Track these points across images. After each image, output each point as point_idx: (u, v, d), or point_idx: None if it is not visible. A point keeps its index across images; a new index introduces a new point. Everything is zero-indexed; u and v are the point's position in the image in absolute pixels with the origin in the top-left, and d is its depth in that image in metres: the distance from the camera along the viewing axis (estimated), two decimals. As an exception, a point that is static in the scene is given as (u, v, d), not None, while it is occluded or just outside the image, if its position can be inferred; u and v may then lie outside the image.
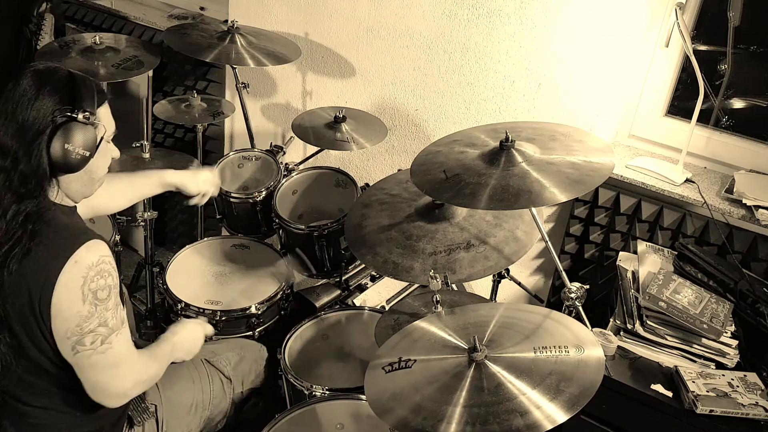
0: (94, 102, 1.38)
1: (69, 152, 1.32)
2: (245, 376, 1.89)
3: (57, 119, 1.31)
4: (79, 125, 1.34)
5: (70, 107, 1.33)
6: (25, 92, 1.30)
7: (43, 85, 1.32)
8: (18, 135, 1.29)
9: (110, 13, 3.28)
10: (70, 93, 1.34)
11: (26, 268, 1.29)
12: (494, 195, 1.58)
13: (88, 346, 1.35)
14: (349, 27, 2.61)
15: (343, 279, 2.32)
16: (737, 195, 2.03)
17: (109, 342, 1.37)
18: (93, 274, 1.32)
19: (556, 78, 2.26)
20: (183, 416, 1.72)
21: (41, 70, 1.34)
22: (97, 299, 1.33)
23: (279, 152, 2.56)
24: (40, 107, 1.30)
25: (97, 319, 1.34)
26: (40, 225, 1.31)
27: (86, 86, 1.37)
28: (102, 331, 1.35)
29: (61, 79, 1.35)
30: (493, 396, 1.24)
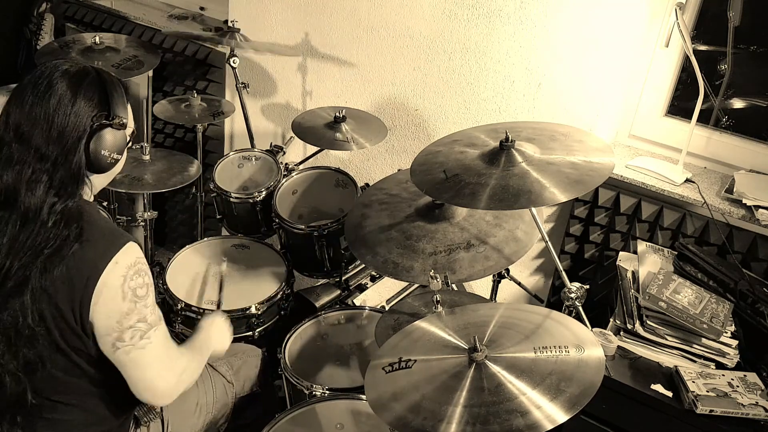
0: (126, 105, 1.44)
1: (105, 156, 1.40)
2: (246, 380, 1.89)
3: (94, 125, 1.37)
4: (114, 130, 1.40)
5: (106, 113, 1.39)
6: (62, 96, 1.34)
7: (78, 89, 1.36)
8: (58, 140, 1.34)
9: (110, 13, 3.28)
10: (104, 97, 1.40)
11: (69, 268, 1.32)
12: (494, 195, 1.58)
13: (128, 341, 1.38)
14: (349, 27, 2.61)
15: (343, 279, 2.32)
16: (737, 195, 2.03)
17: (147, 337, 1.40)
18: (132, 273, 1.37)
19: (556, 78, 2.26)
20: (188, 417, 1.73)
21: (74, 73, 1.38)
22: (136, 296, 1.37)
23: (279, 152, 2.56)
24: (78, 112, 1.35)
25: (136, 316, 1.38)
26: (82, 225, 1.35)
27: (117, 88, 1.43)
28: (141, 327, 1.39)
29: (93, 82, 1.39)
30: (493, 396, 1.24)
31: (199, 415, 1.76)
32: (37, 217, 1.32)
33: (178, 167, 2.50)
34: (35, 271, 1.31)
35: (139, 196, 2.61)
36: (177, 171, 2.48)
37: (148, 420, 1.64)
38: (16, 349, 1.34)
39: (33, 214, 1.32)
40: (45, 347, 1.36)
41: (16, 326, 1.32)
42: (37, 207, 1.32)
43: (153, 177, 2.40)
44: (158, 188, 2.40)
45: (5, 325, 1.32)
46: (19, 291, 1.31)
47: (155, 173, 2.43)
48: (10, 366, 1.35)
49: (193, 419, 1.74)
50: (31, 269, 1.30)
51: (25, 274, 1.31)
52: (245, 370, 1.90)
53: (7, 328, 1.32)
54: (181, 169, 2.49)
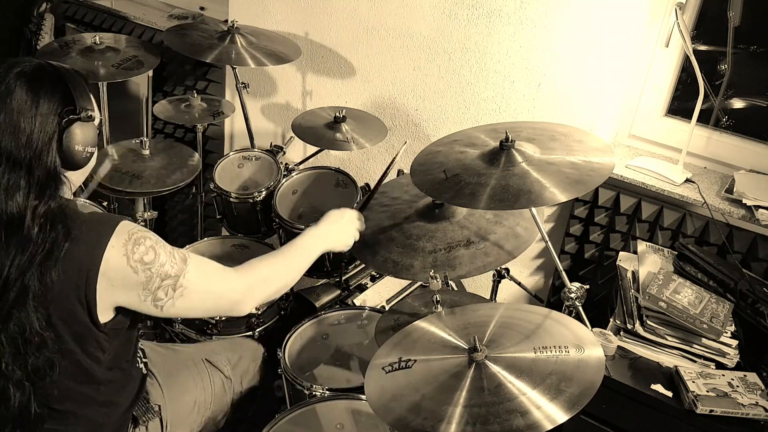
0: (89, 94, 1.40)
1: (79, 152, 1.36)
2: (244, 375, 1.89)
3: (62, 122, 1.33)
4: (84, 124, 1.36)
5: (71, 107, 1.35)
6: (23, 98, 1.30)
7: (39, 89, 1.32)
8: (27, 144, 1.30)
9: (110, 13, 3.28)
10: (67, 92, 1.35)
11: (66, 266, 1.31)
12: (494, 195, 1.58)
13: (165, 298, 1.38)
14: (349, 27, 2.61)
15: (343, 279, 2.32)
16: (737, 195, 2.03)
17: (180, 285, 1.39)
18: (131, 247, 1.34)
19: (556, 78, 2.26)
20: (186, 416, 1.73)
21: (30, 73, 1.33)
22: (146, 264, 1.36)
23: (279, 152, 2.56)
24: (43, 113, 1.31)
25: (157, 278, 1.37)
26: (67, 223, 1.33)
27: (77, 80, 1.39)
28: (168, 283, 1.38)
29: (52, 79, 1.35)
30: (493, 396, 1.24)
31: (197, 413, 1.75)
32: (21, 224, 1.28)
33: (177, 161, 2.49)
34: (33, 279, 1.28)
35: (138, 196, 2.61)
36: (177, 167, 2.47)
37: (147, 419, 1.64)
38: (24, 357, 1.32)
39: (17, 222, 1.28)
40: (54, 352, 1.34)
41: (23, 335, 1.30)
42: (20, 213, 1.28)
43: (153, 175, 2.40)
44: (158, 187, 2.40)
45: (12, 335, 1.30)
46: (21, 301, 1.29)
47: (155, 170, 2.42)
48: (15, 376, 1.32)
49: (191, 417, 1.74)
50: (28, 277, 1.28)
51: (24, 283, 1.28)
52: (243, 365, 1.90)
53: (15, 338, 1.30)
54: (181, 165, 2.48)
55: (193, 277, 1.42)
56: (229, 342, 1.99)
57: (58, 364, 1.36)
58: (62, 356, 1.36)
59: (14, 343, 1.31)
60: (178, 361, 1.79)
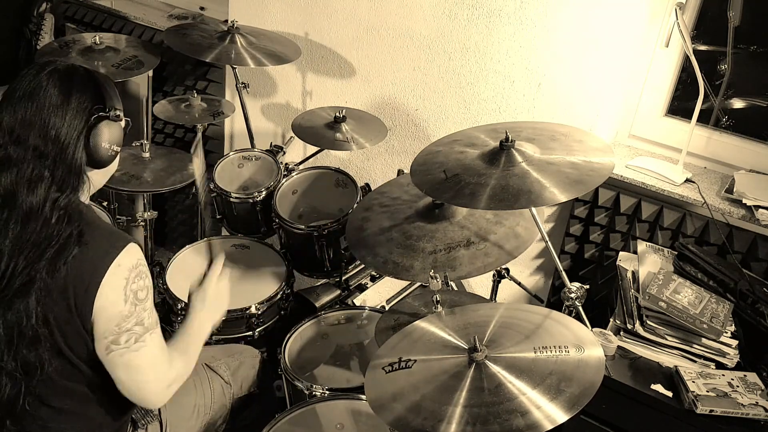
0: (118, 97, 1.43)
1: (105, 149, 1.39)
2: (244, 381, 1.89)
3: (91, 119, 1.36)
4: (111, 123, 1.39)
5: (101, 106, 1.38)
6: (54, 96, 1.33)
7: (70, 87, 1.35)
8: (55, 139, 1.33)
9: (110, 13, 3.28)
10: (97, 91, 1.39)
11: (72, 270, 1.32)
12: (494, 195, 1.58)
13: (123, 344, 1.38)
14: (349, 27, 2.61)
15: (343, 279, 2.32)
16: (737, 195, 2.03)
17: (143, 340, 1.39)
18: (134, 276, 1.36)
19: (556, 78, 2.26)
20: (185, 419, 1.73)
21: (63, 72, 1.37)
22: (137, 299, 1.37)
23: (279, 152, 2.56)
24: (73, 110, 1.34)
25: (135, 319, 1.37)
26: (82, 226, 1.34)
27: (108, 81, 1.43)
28: (138, 330, 1.38)
29: (84, 78, 1.39)
30: (493, 396, 1.24)
31: (197, 416, 1.75)
32: (39, 214, 1.31)
33: (177, 165, 2.50)
34: (40, 271, 1.30)
35: (139, 195, 2.61)
36: (176, 169, 2.48)
37: (146, 422, 1.64)
38: (16, 349, 1.33)
39: (36, 212, 1.31)
40: (46, 350, 1.35)
41: (19, 327, 1.31)
42: (39, 204, 1.31)
43: (152, 175, 2.40)
44: (157, 187, 2.40)
45: (9, 325, 1.31)
46: (24, 291, 1.30)
47: (154, 171, 2.43)
48: (8, 366, 1.33)
49: (191, 421, 1.74)
50: (36, 269, 1.30)
51: (30, 273, 1.30)
52: (243, 370, 1.90)
53: (11, 328, 1.31)
54: (181, 168, 2.49)
55: (156, 339, 1.43)
56: (229, 348, 1.99)
57: (48, 364, 1.36)
58: (54, 356, 1.37)
59: (9, 334, 1.32)
60: None
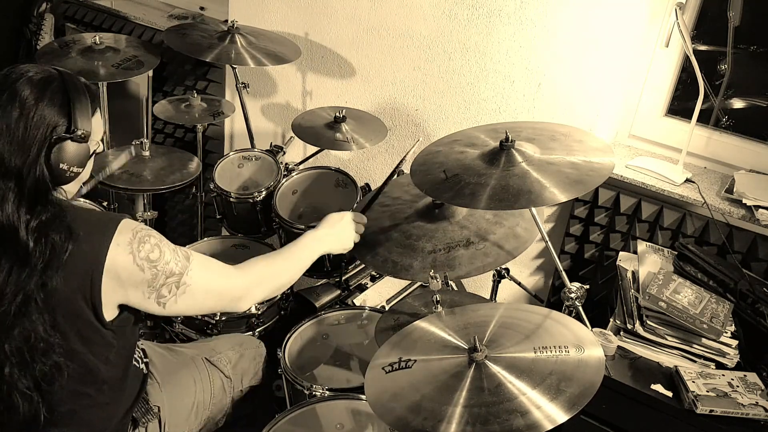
0: (89, 114, 1.37)
1: (63, 170, 1.34)
2: (244, 374, 1.89)
3: (53, 137, 1.31)
4: (74, 144, 1.34)
5: (66, 124, 1.32)
6: (23, 106, 1.29)
7: (41, 97, 1.30)
8: (19, 152, 1.28)
9: (110, 13, 3.28)
10: (66, 107, 1.33)
11: (70, 267, 1.31)
12: (494, 195, 1.58)
13: (168, 295, 1.40)
14: (349, 27, 2.61)
15: (343, 279, 2.32)
16: (737, 195, 2.03)
17: (183, 283, 1.41)
18: (136, 246, 1.36)
19: (556, 78, 2.26)
20: (185, 416, 1.73)
21: (37, 81, 1.32)
22: (151, 262, 1.37)
23: (279, 152, 2.55)
24: (39, 123, 1.29)
25: (162, 275, 1.38)
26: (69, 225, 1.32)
27: (81, 97, 1.36)
28: (172, 280, 1.40)
29: (57, 90, 1.33)
30: (493, 396, 1.24)
31: (196, 413, 1.75)
32: (15, 236, 1.27)
33: (177, 164, 2.50)
34: (35, 288, 1.28)
35: (138, 195, 2.61)
36: (176, 168, 2.47)
37: (146, 421, 1.63)
38: (31, 366, 1.31)
39: (9, 233, 1.27)
40: (61, 355, 1.34)
41: (28, 343, 1.29)
42: (12, 225, 1.27)
43: (152, 174, 2.40)
44: (157, 185, 2.40)
45: (17, 343, 1.29)
46: (23, 311, 1.28)
47: (154, 170, 2.42)
48: (20, 385, 1.31)
49: (190, 418, 1.74)
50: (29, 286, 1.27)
51: (25, 293, 1.27)
52: (244, 363, 1.89)
53: (20, 347, 1.30)
54: (181, 167, 2.49)
55: (196, 274, 1.43)
56: (231, 339, 1.97)
57: (66, 367, 1.35)
58: (70, 358, 1.36)
59: (20, 353, 1.30)
60: (178, 362, 1.79)
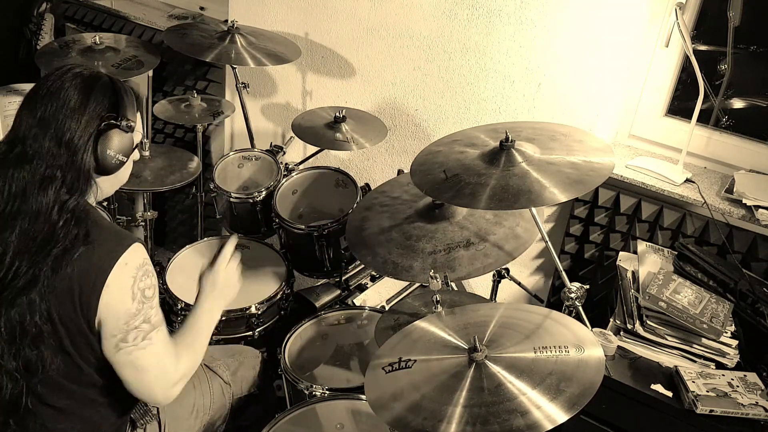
0: (135, 110, 1.47)
1: (110, 157, 1.41)
2: (243, 381, 1.89)
3: (102, 125, 1.39)
4: (121, 132, 1.42)
5: (114, 114, 1.41)
6: (75, 98, 1.37)
7: (91, 91, 1.39)
8: (68, 142, 1.36)
9: (110, 13, 3.28)
10: (114, 100, 1.42)
11: (77, 268, 1.33)
12: (494, 195, 1.58)
13: (131, 342, 1.40)
14: (349, 27, 2.61)
15: (343, 279, 2.32)
16: (737, 195, 2.03)
17: (149, 338, 1.41)
18: (141, 274, 1.38)
19: (556, 78, 2.26)
20: (184, 420, 1.73)
21: (86, 75, 1.41)
22: (144, 297, 1.39)
23: (279, 152, 2.56)
24: (90, 114, 1.38)
25: (142, 316, 1.39)
26: (88, 227, 1.36)
27: (128, 93, 1.46)
28: (145, 328, 1.40)
29: (105, 85, 1.42)
30: (493, 396, 1.24)
31: (195, 417, 1.75)
32: (48, 215, 1.33)
33: (177, 164, 2.50)
34: (45, 270, 1.31)
35: (139, 195, 2.61)
36: (177, 168, 2.48)
37: (145, 423, 1.64)
38: (18, 348, 1.33)
39: (44, 213, 1.33)
40: (49, 348, 1.36)
41: (22, 324, 1.32)
42: (48, 205, 1.33)
43: (152, 174, 2.40)
44: (156, 186, 2.40)
45: (12, 322, 1.32)
46: (27, 288, 1.31)
47: (154, 170, 2.42)
48: (9, 366, 1.34)
49: (189, 421, 1.74)
50: (40, 268, 1.31)
51: (35, 273, 1.31)
52: (243, 371, 1.89)
53: (13, 326, 1.32)
54: (181, 167, 2.49)
55: (162, 336, 1.45)
56: (229, 348, 1.99)
57: (50, 363, 1.37)
58: (56, 355, 1.37)
59: (11, 332, 1.33)
60: None
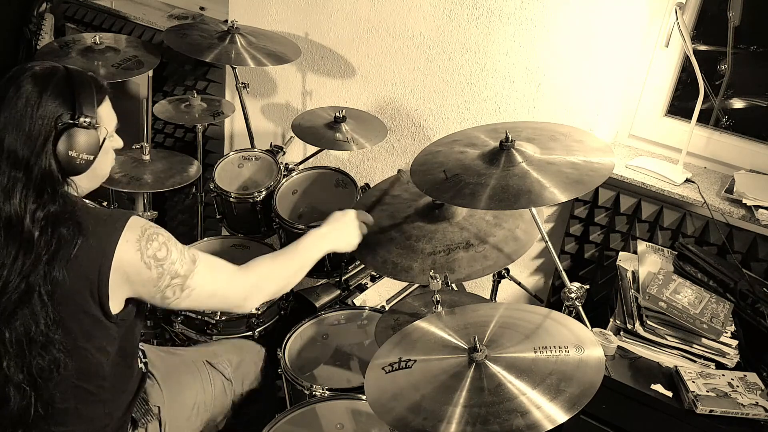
0: (94, 103, 1.39)
1: (73, 158, 1.35)
2: (245, 378, 1.89)
3: (59, 125, 1.33)
4: (81, 130, 1.36)
5: (71, 112, 1.34)
6: (28, 99, 1.31)
7: (44, 89, 1.33)
8: (27, 144, 1.31)
9: (110, 13, 3.28)
10: (70, 96, 1.35)
11: (78, 261, 1.32)
12: (494, 195, 1.58)
13: (172, 297, 1.42)
14: (349, 27, 2.61)
15: (343, 279, 2.32)
16: (737, 195, 2.03)
17: (187, 286, 1.43)
18: (144, 243, 1.37)
19: (556, 78, 2.26)
20: (185, 417, 1.73)
21: (39, 74, 1.34)
22: (158, 260, 1.39)
23: (279, 152, 2.56)
24: (43, 114, 1.32)
25: (168, 276, 1.40)
26: (79, 219, 1.34)
27: (86, 87, 1.38)
28: (177, 282, 1.42)
29: (60, 81, 1.35)
30: (493, 396, 1.24)
31: (197, 414, 1.75)
32: (21, 226, 1.29)
33: (177, 168, 2.50)
34: (39, 277, 1.29)
35: (139, 196, 2.61)
36: (176, 171, 2.48)
37: (146, 421, 1.63)
38: (28, 359, 1.32)
39: (16, 222, 1.29)
40: (60, 351, 1.34)
41: (28, 335, 1.30)
42: (18, 215, 1.29)
43: (152, 177, 2.40)
44: (156, 188, 2.39)
45: (17, 335, 1.30)
46: (24, 300, 1.29)
47: (154, 173, 2.42)
48: (15, 379, 1.32)
49: (191, 419, 1.74)
50: (33, 276, 1.29)
51: (28, 282, 1.29)
52: (244, 367, 1.89)
53: (20, 340, 1.31)
54: (181, 170, 2.49)
55: (200, 278, 1.45)
56: (231, 344, 1.98)
57: (65, 364, 1.36)
58: (70, 355, 1.36)
59: (19, 345, 1.31)
60: (178, 363, 1.79)
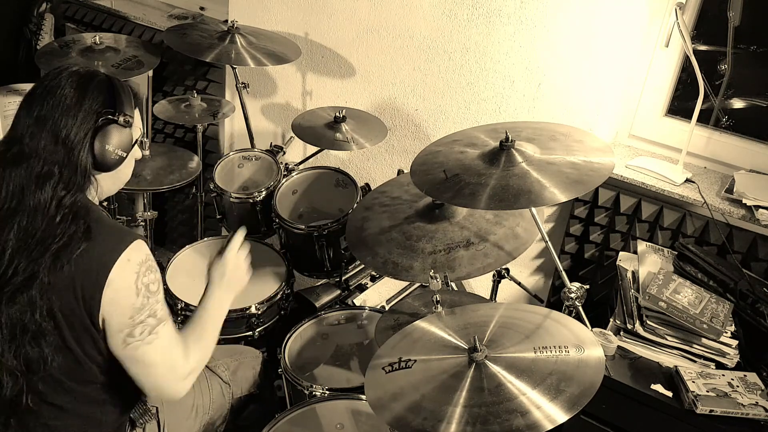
0: (133, 106, 1.48)
1: (108, 152, 1.42)
2: (243, 381, 1.89)
3: (99, 121, 1.40)
4: (119, 127, 1.43)
5: (111, 110, 1.42)
6: (69, 96, 1.38)
7: (86, 88, 1.40)
8: (66, 138, 1.37)
9: (110, 13, 3.28)
10: (110, 96, 1.43)
11: (78, 264, 1.33)
12: (494, 195, 1.58)
13: (137, 337, 1.40)
14: (349, 27, 2.61)
15: (343, 279, 2.32)
16: (737, 195, 2.03)
17: (156, 332, 1.42)
18: (144, 270, 1.39)
19: (556, 78, 2.26)
20: (184, 419, 1.73)
21: (82, 74, 1.42)
22: (149, 292, 1.39)
23: (279, 152, 2.56)
24: (86, 110, 1.38)
25: (147, 311, 1.40)
26: (89, 223, 1.36)
27: (124, 90, 1.47)
28: (151, 322, 1.41)
29: (102, 82, 1.43)
30: (493, 396, 1.24)
31: (195, 416, 1.75)
32: (46, 211, 1.33)
33: (177, 164, 2.50)
34: (44, 267, 1.31)
35: (139, 195, 2.61)
36: (176, 168, 2.48)
37: (144, 422, 1.63)
38: (19, 345, 1.33)
39: (42, 210, 1.33)
40: (50, 345, 1.36)
41: (23, 321, 1.32)
42: (46, 202, 1.33)
43: (151, 173, 2.40)
44: (156, 185, 2.39)
45: (13, 320, 1.32)
46: (27, 286, 1.31)
47: (154, 170, 2.42)
48: (10, 364, 1.34)
49: (189, 421, 1.74)
50: (39, 264, 1.31)
51: (34, 269, 1.31)
52: (243, 371, 1.89)
53: (14, 324, 1.32)
54: (180, 166, 2.49)
55: (167, 332, 1.45)
56: (229, 348, 1.98)
57: (52, 361, 1.37)
58: (59, 352, 1.37)
59: (12, 329, 1.33)
60: None
